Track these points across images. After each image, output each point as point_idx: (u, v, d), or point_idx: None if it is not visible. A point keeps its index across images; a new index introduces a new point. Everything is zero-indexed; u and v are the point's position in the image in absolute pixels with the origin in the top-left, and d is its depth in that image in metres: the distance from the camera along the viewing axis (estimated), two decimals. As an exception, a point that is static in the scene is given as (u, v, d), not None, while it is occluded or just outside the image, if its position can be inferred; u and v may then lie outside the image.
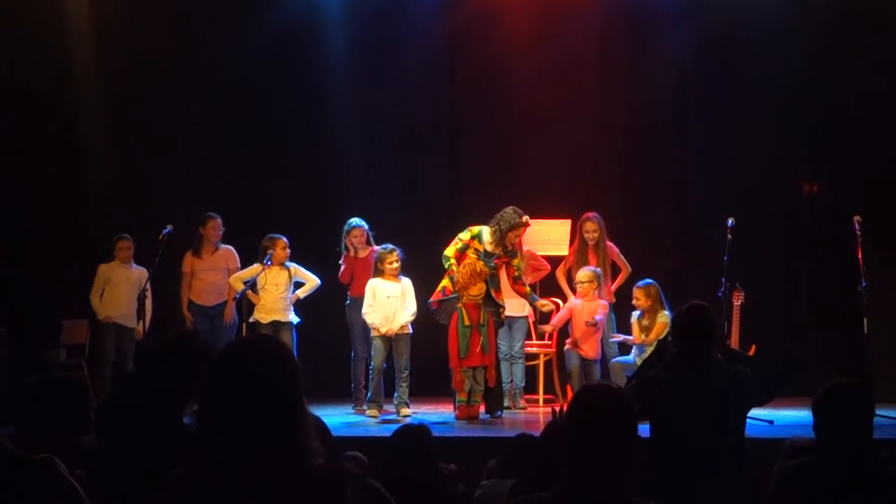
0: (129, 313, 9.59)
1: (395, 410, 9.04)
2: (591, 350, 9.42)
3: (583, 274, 9.54)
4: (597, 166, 11.20)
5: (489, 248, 8.86)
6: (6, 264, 10.47)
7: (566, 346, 9.55)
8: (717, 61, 11.04)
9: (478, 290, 8.79)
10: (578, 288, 9.55)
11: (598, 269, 9.61)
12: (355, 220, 9.61)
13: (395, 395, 9.08)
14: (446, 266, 8.90)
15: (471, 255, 8.84)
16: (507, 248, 8.88)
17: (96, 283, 9.75)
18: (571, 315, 9.53)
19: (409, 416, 8.90)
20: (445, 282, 8.94)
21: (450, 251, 8.91)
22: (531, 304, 9.20)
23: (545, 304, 9.16)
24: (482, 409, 8.91)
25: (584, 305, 9.48)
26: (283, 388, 2.40)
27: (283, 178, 11.12)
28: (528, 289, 9.11)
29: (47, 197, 10.69)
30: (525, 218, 8.82)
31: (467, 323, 8.80)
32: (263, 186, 11.04)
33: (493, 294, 8.93)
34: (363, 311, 9.11)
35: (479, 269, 8.76)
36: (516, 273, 9.01)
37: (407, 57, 11.16)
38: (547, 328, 9.70)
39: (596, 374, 9.41)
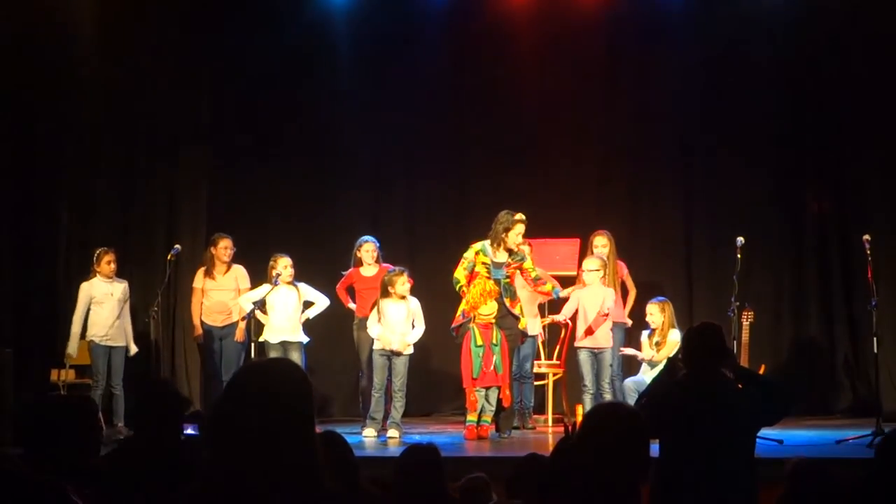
0: (116, 332, 9.42)
1: (384, 430, 8.91)
2: (603, 338, 9.31)
3: (589, 262, 9.44)
4: (604, 186, 11.19)
5: (496, 258, 8.83)
6: (11, 284, 10.45)
7: (576, 343, 9.43)
8: (723, 80, 11.02)
9: (489, 309, 8.76)
10: (586, 277, 9.42)
11: (605, 257, 9.53)
12: (368, 236, 9.64)
13: (390, 415, 8.97)
14: (457, 289, 8.87)
15: (480, 270, 8.79)
16: (513, 252, 8.85)
17: (80, 304, 9.41)
18: (579, 305, 9.42)
19: (396, 437, 8.78)
20: (464, 304, 8.89)
21: (459, 273, 8.86)
22: (556, 298, 9.27)
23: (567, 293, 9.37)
24: (492, 429, 8.87)
25: (592, 294, 9.37)
26: (298, 411, 2.43)
27: (288, 198, 11.11)
28: (549, 286, 9.07)
29: (53, 217, 10.67)
30: (519, 215, 8.78)
31: (479, 343, 8.75)
32: (268, 206, 11.04)
33: (509, 304, 8.85)
34: (368, 323, 9.09)
35: (488, 289, 8.73)
36: (533, 274, 8.96)
37: (413, 76, 11.17)
38: (558, 317, 9.54)
39: (608, 362, 9.28)
